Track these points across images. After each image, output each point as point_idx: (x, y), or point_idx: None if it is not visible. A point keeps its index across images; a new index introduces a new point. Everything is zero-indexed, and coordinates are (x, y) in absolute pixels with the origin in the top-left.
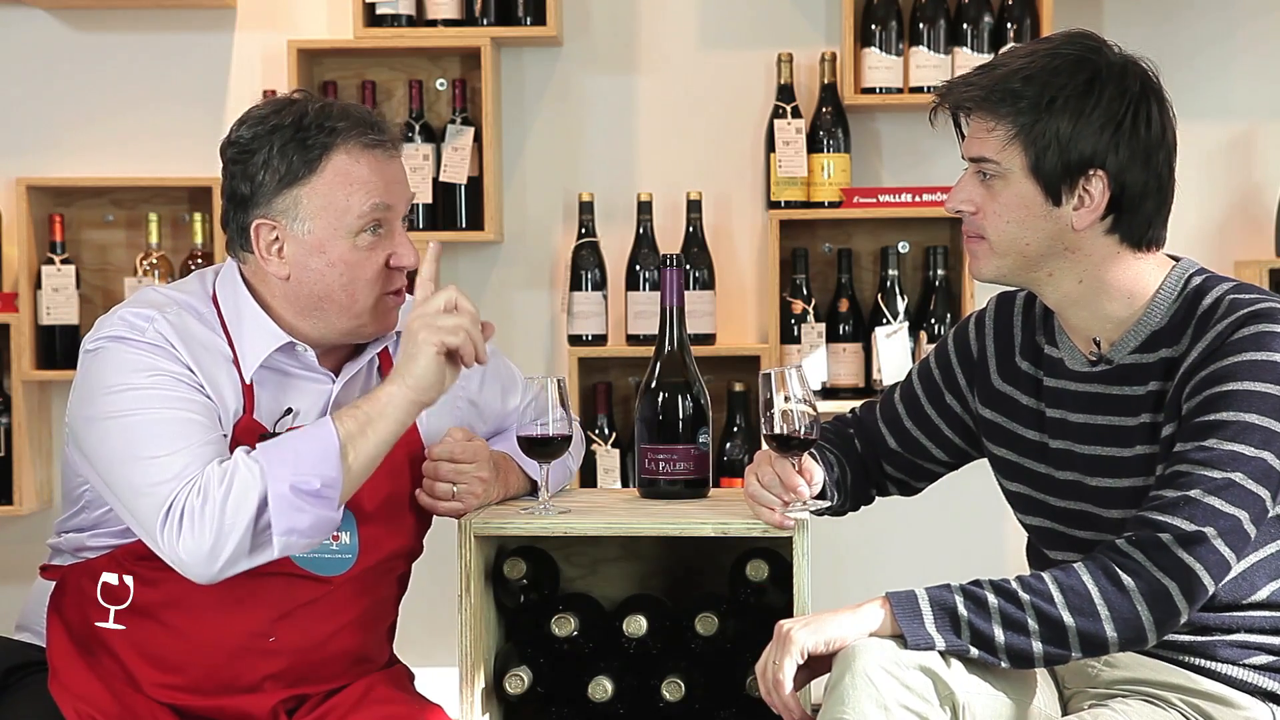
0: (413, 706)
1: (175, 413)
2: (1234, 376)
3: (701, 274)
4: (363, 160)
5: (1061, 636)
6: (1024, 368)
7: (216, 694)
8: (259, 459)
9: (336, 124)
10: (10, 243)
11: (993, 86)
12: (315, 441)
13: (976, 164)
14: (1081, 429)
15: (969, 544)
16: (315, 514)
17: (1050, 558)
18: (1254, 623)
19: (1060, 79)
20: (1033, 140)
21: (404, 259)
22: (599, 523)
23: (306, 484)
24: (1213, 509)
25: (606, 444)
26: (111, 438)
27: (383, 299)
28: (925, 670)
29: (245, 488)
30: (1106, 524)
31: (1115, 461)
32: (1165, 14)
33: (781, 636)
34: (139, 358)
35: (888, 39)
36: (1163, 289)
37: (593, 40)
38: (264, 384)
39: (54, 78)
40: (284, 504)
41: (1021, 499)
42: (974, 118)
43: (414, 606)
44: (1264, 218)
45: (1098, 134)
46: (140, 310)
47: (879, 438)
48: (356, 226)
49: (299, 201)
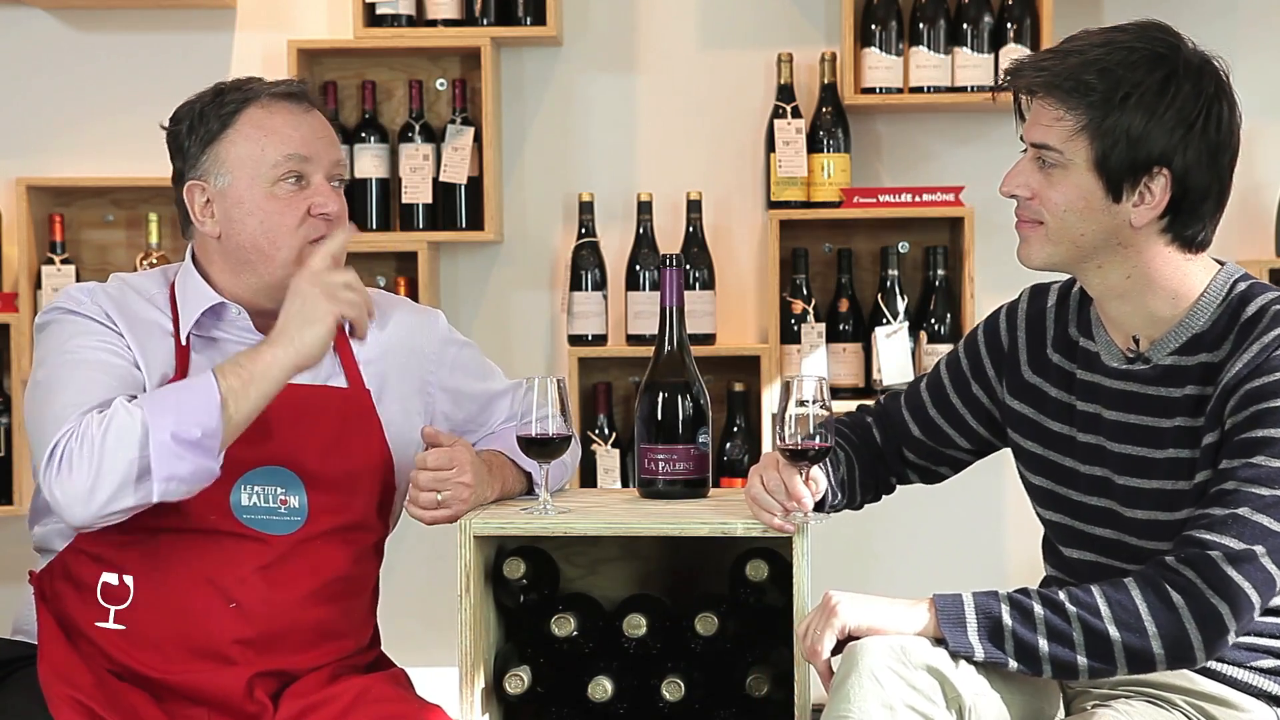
0: (412, 706)
1: (83, 372)
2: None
3: (701, 274)
4: (277, 113)
5: (1107, 651)
6: (1055, 360)
7: (188, 661)
8: (140, 405)
9: (251, 83)
10: (10, 243)
11: (1066, 74)
12: (197, 394)
13: (1037, 149)
14: (1114, 426)
15: (969, 544)
16: (195, 462)
17: (1068, 555)
18: (1262, 627)
19: (1136, 74)
20: (1102, 134)
21: (326, 206)
22: (599, 523)
23: (188, 433)
24: (1262, 527)
25: (606, 444)
26: (32, 397)
27: (306, 247)
28: (932, 671)
29: (123, 430)
30: (1127, 523)
31: (1146, 462)
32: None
33: (828, 608)
34: (72, 325)
35: (888, 39)
36: (1207, 293)
37: (593, 40)
38: (200, 351)
39: (54, 78)
40: (165, 451)
41: (1044, 493)
42: (1041, 103)
43: (414, 606)
44: (1264, 218)
45: (1168, 134)
46: (83, 286)
47: (902, 425)
48: (272, 176)
49: (219, 158)
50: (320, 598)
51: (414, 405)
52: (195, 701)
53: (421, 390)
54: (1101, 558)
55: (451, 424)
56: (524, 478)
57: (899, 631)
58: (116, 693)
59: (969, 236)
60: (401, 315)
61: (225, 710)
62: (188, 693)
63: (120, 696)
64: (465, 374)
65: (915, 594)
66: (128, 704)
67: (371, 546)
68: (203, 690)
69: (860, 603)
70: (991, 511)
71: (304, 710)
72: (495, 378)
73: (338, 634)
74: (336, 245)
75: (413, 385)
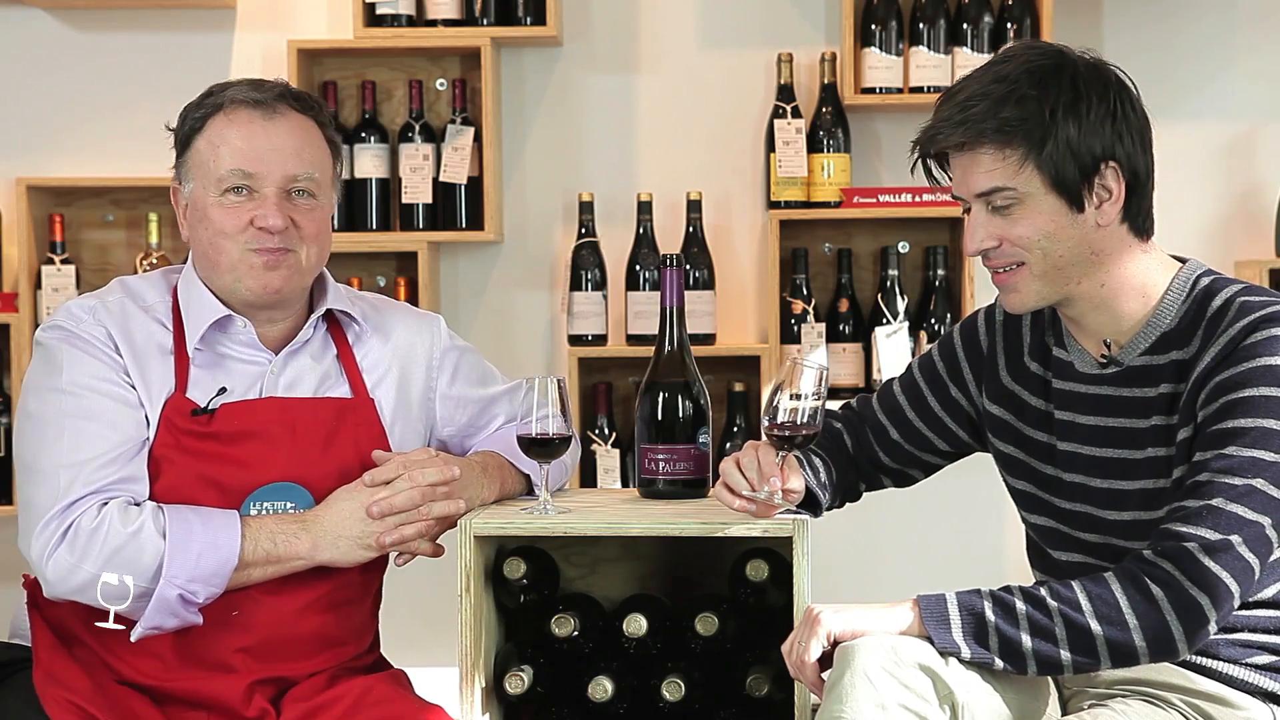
0: (413, 706)
1: (83, 423)
2: (1250, 382)
3: (701, 274)
4: (235, 122)
5: (1089, 645)
6: (1033, 368)
7: (189, 670)
8: (164, 537)
9: (227, 89)
10: (10, 243)
11: (984, 118)
12: (220, 553)
13: (985, 197)
14: (1092, 431)
15: (968, 544)
16: (183, 619)
17: (1055, 558)
18: (1257, 622)
19: (1048, 89)
20: (1046, 156)
21: (266, 220)
22: (599, 523)
23: (193, 595)
24: (1236, 516)
25: (606, 444)
26: (24, 436)
27: (246, 255)
28: (924, 669)
29: (142, 555)
30: (1109, 526)
31: (1126, 464)
32: (1165, 15)
33: (810, 620)
34: (71, 355)
35: (888, 39)
36: (1171, 290)
37: (593, 40)
38: (202, 365)
39: (54, 78)
40: (164, 605)
41: (1027, 497)
42: (969, 155)
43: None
44: (1264, 218)
45: (1101, 130)
46: (85, 302)
47: (879, 428)
48: (219, 188)
49: (187, 163)
50: (322, 606)
51: (417, 413)
52: (195, 706)
53: (424, 398)
54: (1090, 559)
55: (452, 429)
56: (523, 479)
57: (884, 631)
58: (114, 697)
59: None
60: (403, 324)
61: (226, 715)
62: (187, 698)
63: (119, 701)
64: (466, 381)
65: (916, 594)
66: (126, 708)
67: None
68: (202, 696)
69: (843, 611)
70: (992, 511)
71: (306, 714)
72: (495, 381)
73: (338, 641)
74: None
75: (416, 394)
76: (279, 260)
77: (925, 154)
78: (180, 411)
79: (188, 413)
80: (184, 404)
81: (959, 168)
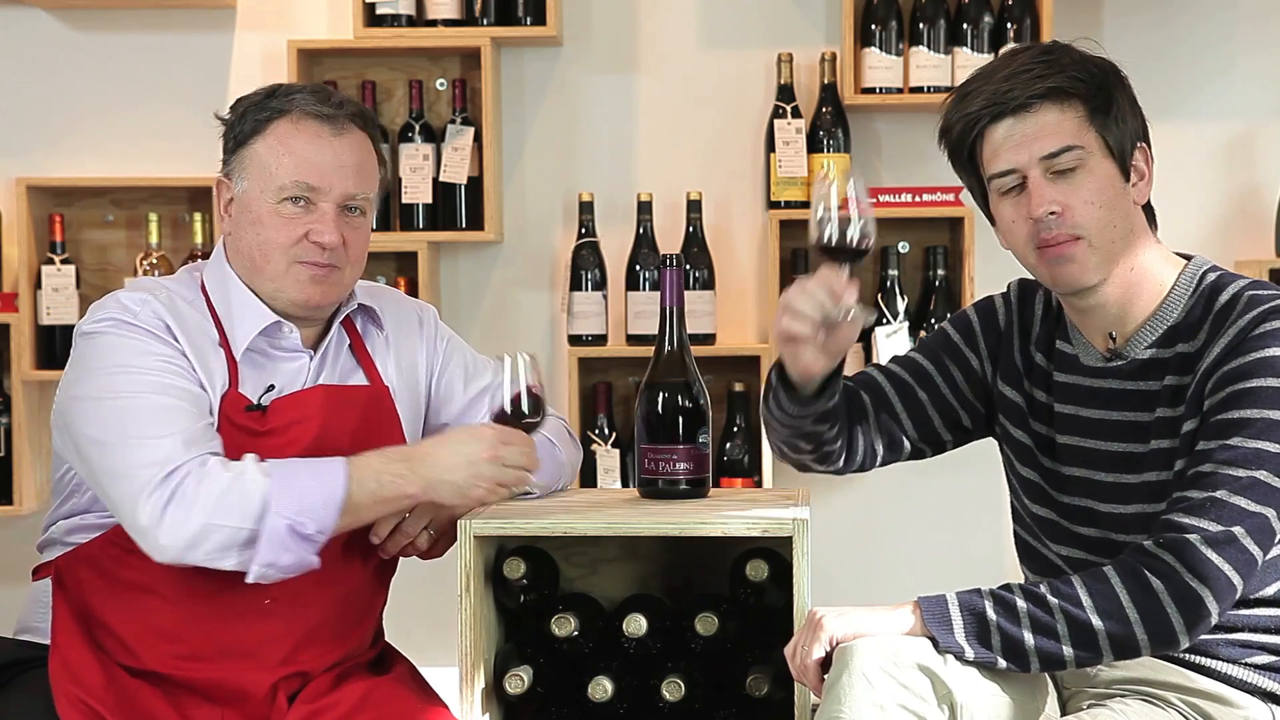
0: (415, 707)
1: (165, 399)
2: (1256, 373)
3: (701, 274)
4: (302, 132)
5: (1091, 640)
6: (1037, 359)
7: (217, 659)
8: (268, 474)
9: (295, 94)
10: (10, 243)
11: (1049, 76)
12: (325, 487)
13: (1049, 160)
14: (1097, 425)
15: (969, 544)
16: (299, 555)
17: (1050, 553)
18: (1257, 621)
19: (1091, 68)
20: (1111, 119)
21: (322, 236)
22: (599, 523)
23: (302, 526)
24: (1239, 508)
25: (606, 444)
26: (102, 417)
27: (294, 267)
28: (923, 669)
29: (247, 497)
30: (1109, 520)
31: (1131, 457)
32: (1166, 15)
33: (813, 623)
34: (135, 342)
35: (888, 39)
36: (1178, 284)
37: (593, 40)
38: (249, 363)
39: (54, 78)
40: (276, 538)
41: (1034, 487)
42: (1030, 119)
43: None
44: (1264, 218)
45: (1135, 112)
46: (133, 294)
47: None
48: (278, 195)
49: (244, 161)
50: (350, 597)
51: (420, 402)
52: (212, 700)
53: (424, 385)
54: (1087, 554)
55: (445, 419)
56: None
57: (886, 634)
58: (127, 693)
59: (969, 236)
60: (399, 312)
61: (244, 710)
62: (206, 690)
63: (131, 697)
64: (459, 372)
65: (916, 594)
66: (139, 705)
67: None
68: (223, 687)
69: (845, 614)
70: (992, 511)
71: (311, 715)
72: (482, 377)
73: (357, 629)
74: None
75: (417, 382)
76: (325, 276)
77: (968, 134)
78: (236, 407)
79: (242, 409)
80: (239, 399)
81: (1015, 135)
